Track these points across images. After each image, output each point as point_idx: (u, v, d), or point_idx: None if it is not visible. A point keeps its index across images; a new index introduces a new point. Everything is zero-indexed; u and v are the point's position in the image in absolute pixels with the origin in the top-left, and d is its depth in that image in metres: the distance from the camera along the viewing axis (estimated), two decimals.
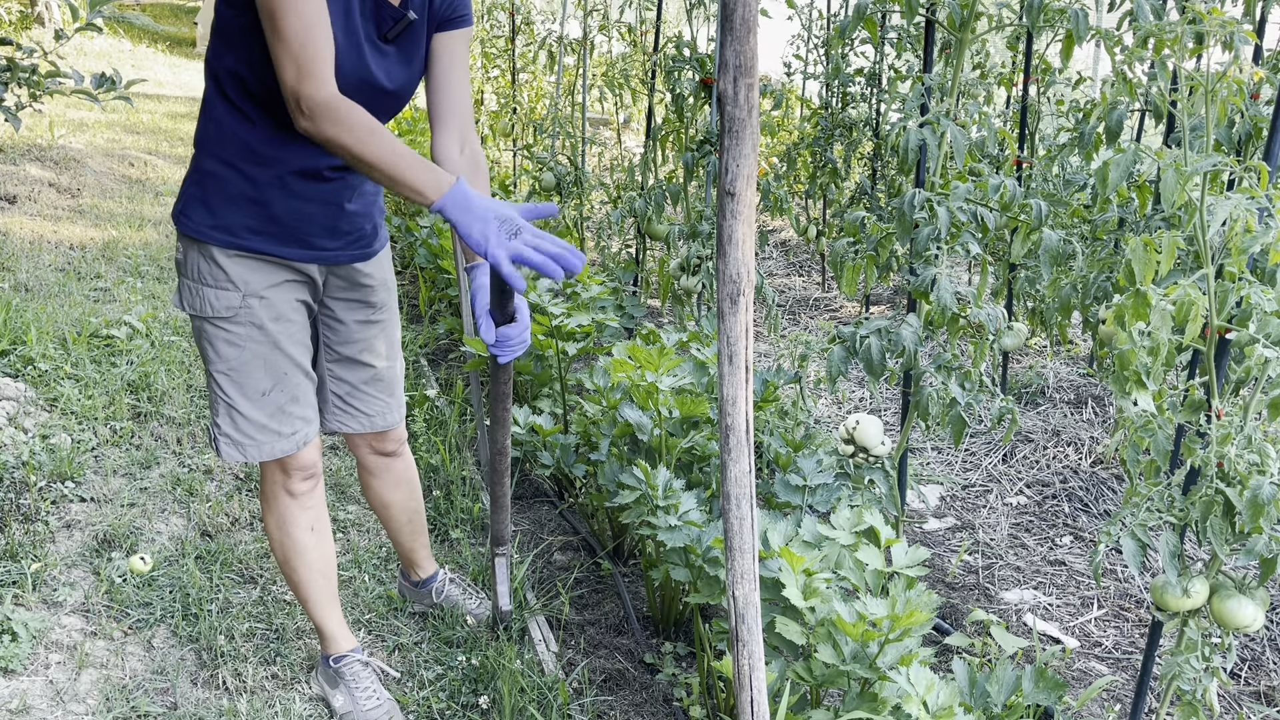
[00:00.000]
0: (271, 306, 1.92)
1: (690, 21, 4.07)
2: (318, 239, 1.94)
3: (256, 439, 1.98)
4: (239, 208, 1.85)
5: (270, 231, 1.88)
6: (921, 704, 1.63)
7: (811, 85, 7.41)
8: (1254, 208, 1.75)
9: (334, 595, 2.24)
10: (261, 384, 1.94)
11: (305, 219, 1.91)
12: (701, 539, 2.13)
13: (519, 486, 3.37)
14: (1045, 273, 2.48)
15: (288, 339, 1.95)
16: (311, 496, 2.13)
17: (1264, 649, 2.70)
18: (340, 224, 1.97)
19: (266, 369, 1.94)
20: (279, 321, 1.93)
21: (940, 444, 3.90)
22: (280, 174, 1.86)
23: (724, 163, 1.14)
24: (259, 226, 1.87)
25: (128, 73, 4.20)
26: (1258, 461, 1.80)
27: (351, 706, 2.21)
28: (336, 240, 1.98)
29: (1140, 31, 1.93)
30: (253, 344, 1.91)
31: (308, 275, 1.98)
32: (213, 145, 1.85)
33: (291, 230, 1.90)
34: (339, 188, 1.94)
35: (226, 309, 1.88)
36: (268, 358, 1.93)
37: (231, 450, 1.99)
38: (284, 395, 1.97)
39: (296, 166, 1.86)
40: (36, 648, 2.37)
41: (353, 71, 1.80)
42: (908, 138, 2.33)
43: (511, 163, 7.05)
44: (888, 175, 5.44)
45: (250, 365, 1.93)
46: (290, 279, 1.95)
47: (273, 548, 2.17)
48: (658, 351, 2.65)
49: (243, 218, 1.85)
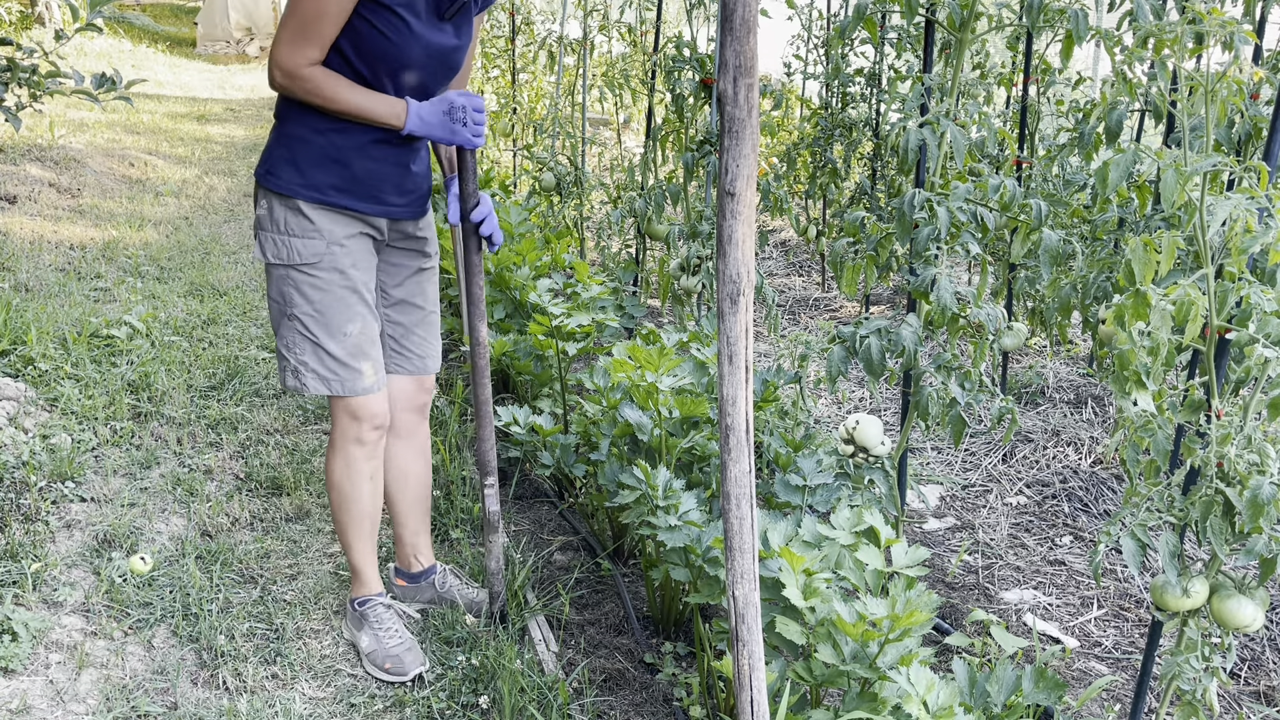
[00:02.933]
0: (350, 254, 2.21)
1: (690, 21, 4.06)
2: (389, 196, 2.24)
3: (340, 375, 2.23)
4: (325, 169, 2.15)
5: (351, 189, 2.18)
6: (921, 704, 1.63)
7: (811, 85, 7.41)
8: (1254, 208, 1.75)
9: (374, 542, 2.47)
10: (344, 324, 2.21)
11: (381, 178, 2.21)
12: (701, 539, 2.13)
13: (519, 486, 3.37)
14: (1045, 273, 2.48)
15: (362, 285, 2.24)
16: (378, 446, 2.36)
17: (1264, 649, 2.70)
18: (406, 183, 2.27)
19: (348, 310, 2.21)
20: (356, 268, 2.22)
21: (940, 444, 3.90)
22: (362, 141, 2.16)
23: (724, 163, 1.14)
24: (343, 185, 2.17)
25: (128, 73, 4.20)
26: (1257, 461, 1.80)
27: (376, 645, 2.41)
28: (403, 198, 2.28)
29: (1140, 31, 1.93)
30: (335, 288, 2.19)
31: (377, 228, 2.28)
32: (302, 115, 2.15)
33: (369, 188, 2.20)
34: (405, 151, 2.24)
35: (313, 255, 2.17)
36: (347, 300, 2.21)
37: (319, 384, 2.23)
38: (364, 337, 2.24)
39: (375, 135, 2.16)
40: (36, 648, 2.37)
41: (425, 46, 2.13)
42: (908, 138, 2.33)
43: (511, 163, 7.04)
44: (888, 175, 5.44)
45: (334, 307, 2.20)
46: (364, 231, 2.24)
47: (330, 489, 2.39)
48: (658, 351, 2.65)
49: (329, 177, 2.15)
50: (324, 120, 2.15)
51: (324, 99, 2.07)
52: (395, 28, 2.07)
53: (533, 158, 5.17)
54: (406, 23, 2.08)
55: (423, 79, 2.19)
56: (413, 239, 2.39)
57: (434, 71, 2.19)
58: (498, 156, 7.80)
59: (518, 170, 6.68)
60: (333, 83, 2.07)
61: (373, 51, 2.09)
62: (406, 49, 2.11)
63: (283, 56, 2.05)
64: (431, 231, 2.44)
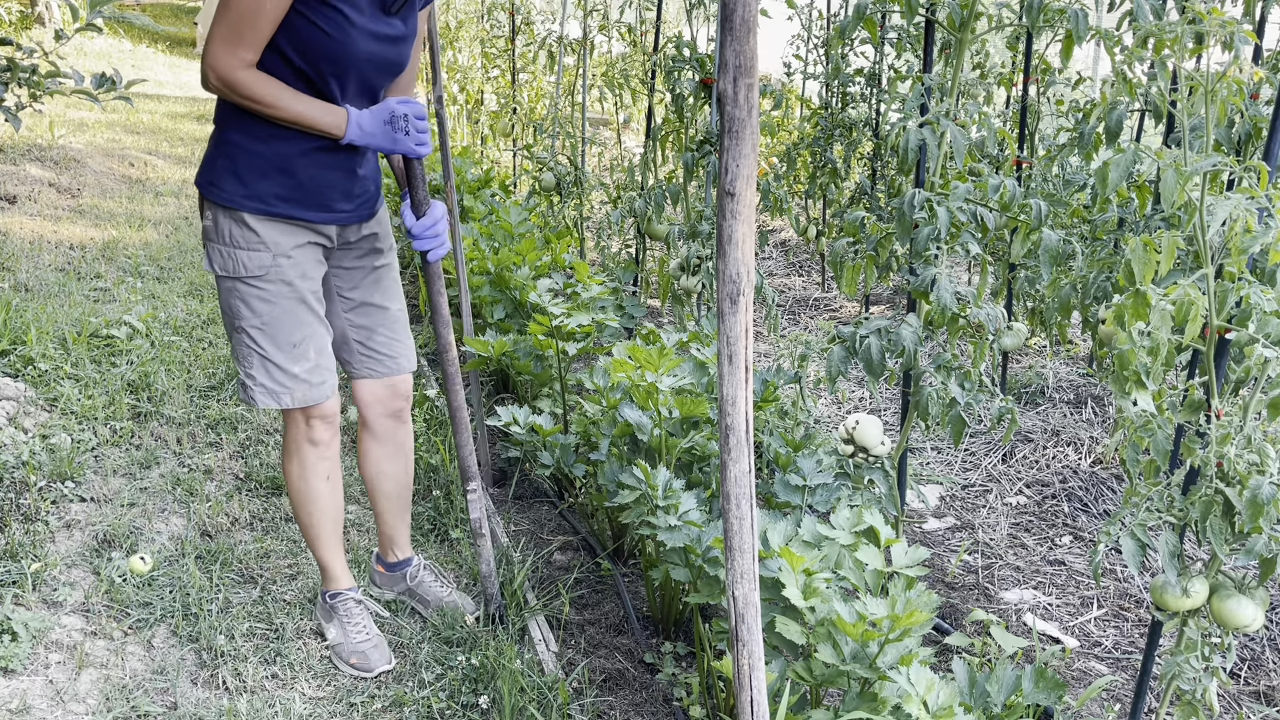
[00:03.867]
0: (298, 265, 2.14)
1: (690, 21, 4.07)
2: (336, 202, 2.18)
3: (289, 387, 2.19)
4: (269, 178, 2.07)
5: (297, 198, 2.11)
6: (921, 704, 1.63)
7: (811, 85, 7.41)
8: (1254, 208, 1.75)
9: (339, 538, 2.46)
10: (292, 336, 2.16)
11: (328, 185, 2.14)
12: (701, 539, 2.13)
13: (519, 486, 3.37)
14: (1045, 273, 2.48)
15: (311, 295, 2.18)
16: (331, 446, 2.34)
17: (1264, 649, 2.70)
18: (354, 188, 2.21)
19: (295, 322, 2.16)
20: (304, 279, 2.16)
21: (940, 444, 3.90)
22: (306, 148, 2.08)
23: (724, 163, 1.14)
24: (287, 194, 2.09)
25: (128, 73, 4.20)
26: (1257, 461, 1.80)
27: (343, 638, 2.43)
28: (351, 202, 2.22)
29: (1140, 31, 1.93)
30: (283, 300, 2.14)
31: (326, 235, 2.22)
32: (240, 121, 2.06)
33: (315, 196, 2.13)
34: (352, 156, 2.17)
35: (259, 268, 2.11)
36: (295, 311, 2.15)
37: (267, 398, 2.19)
38: (311, 347, 2.19)
39: (320, 142, 2.08)
40: (36, 648, 2.37)
41: (368, 42, 2.05)
42: (908, 138, 2.33)
43: (511, 163, 7.04)
44: (888, 175, 5.43)
45: (281, 320, 2.14)
46: (312, 240, 2.18)
47: (290, 492, 2.38)
48: (658, 351, 2.65)
49: (273, 186, 2.08)
50: (266, 126, 2.06)
51: (261, 105, 1.98)
52: (335, 23, 1.99)
53: (533, 158, 5.17)
54: (347, 17, 1.99)
55: (367, 76, 2.11)
56: (364, 239, 2.32)
57: (379, 68, 2.12)
58: (498, 156, 7.80)
59: (518, 170, 6.68)
60: (271, 89, 1.98)
61: (313, 49, 2.00)
62: (348, 46, 2.02)
63: (216, 58, 1.94)
64: (384, 227, 2.37)
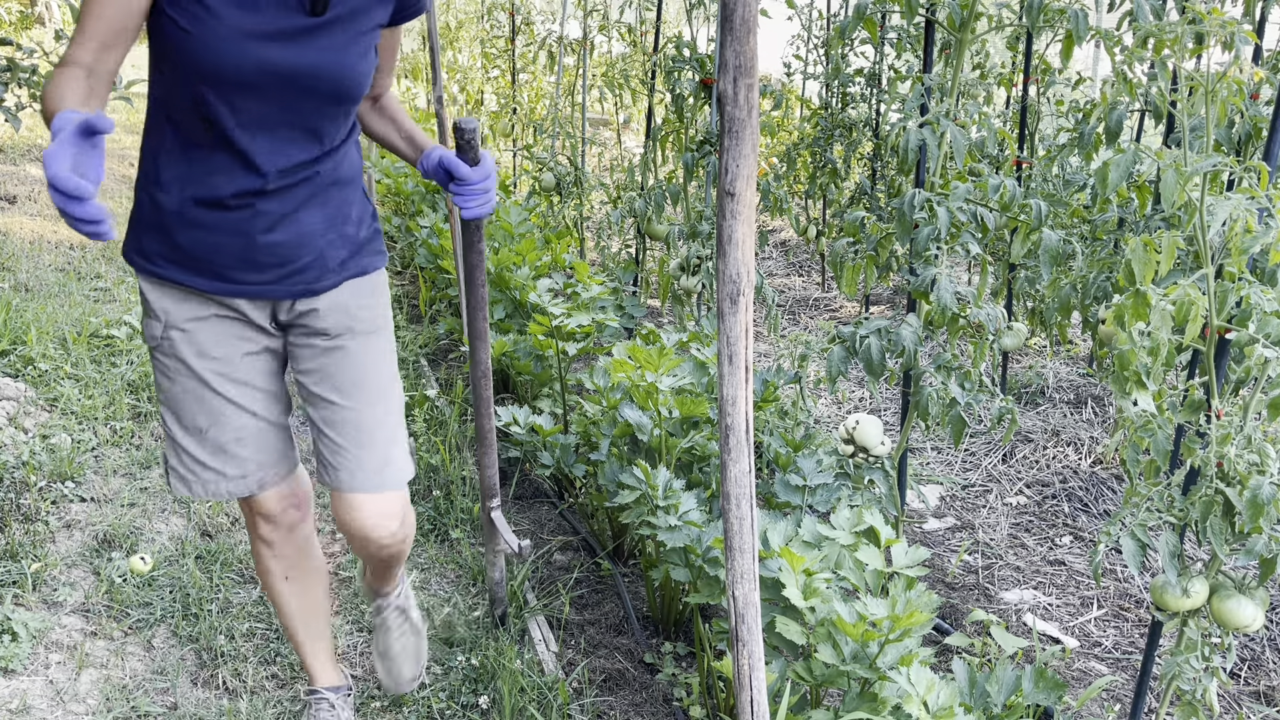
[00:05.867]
0: (193, 341, 1.74)
1: (690, 21, 4.07)
2: (232, 271, 1.70)
3: (200, 475, 1.82)
4: (151, 233, 1.70)
5: (178, 260, 1.69)
6: (921, 704, 1.63)
7: (811, 85, 7.41)
8: (1254, 208, 1.75)
9: (314, 634, 2.08)
10: (196, 419, 1.79)
11: (214, 249, 1.68)
12: (701, 539, 2.13)
13: (519, 486, 3.37)
14: (1045, 273, 2.48)
15: (219, 377, 1.77)
16: (286, 545, 1.96)
17: (1264, 649, 2.70)
18: (257, 256, 1.70)
19: (199, 405, 1.78)
20: (204, 358, 1.75)
21: (940, 444, 3.90)
22: (178, 199, 1.65)
23: (724, 163, 1.14)
24: (168, 254, 1.69)
25: (128, 73, 4.19)
26: (1257, 461, 1.80)
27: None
28: (261, 273, 1.72)
29: (1140, 31, 1.93)
30: (180, 378, 1.76)
31: (238, 310, 1.75)
32: (141, 158, 1.71)
33: (201, 260, 1.69)
34: (248, 216, 1.66)
35: (152, 338, 1.76)
36: (197, 394, 1.77)
37: (179, 485, 1.84)
38: (225, 434, 1.80)
39: (194, 194, 1.64)
40: (36, 648, 2.37)
41: (244, 42, 1.54)
42: (908, 138, 2.33)
43: (511, 163, 7.04)
44: (888, 175, 5.44)
45: (182, 399, 1.78)
46: (218, 314, 1.75)
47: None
48: (658, 351, 2.65)
49: (155, 243, 1.70)
50: (150, 173, 1.67)
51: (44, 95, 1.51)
52: (193, 15, 1.52)
53: (533, 158, 5.17)
54: (206, 5, 1.52)
55: (271, 96, 1.59)
56: (303, 316, 1.80)
57: (289, 84, 1.59)
58: (498, 157, 7.80)
59: (518, 170, 6.68)
60: (50, 90, 1.49)
61: (173, 57, 1.56)
62: (216, 48, 1.53)
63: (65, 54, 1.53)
64: (339, 303, 1.80)
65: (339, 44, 1.61)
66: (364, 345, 1.84)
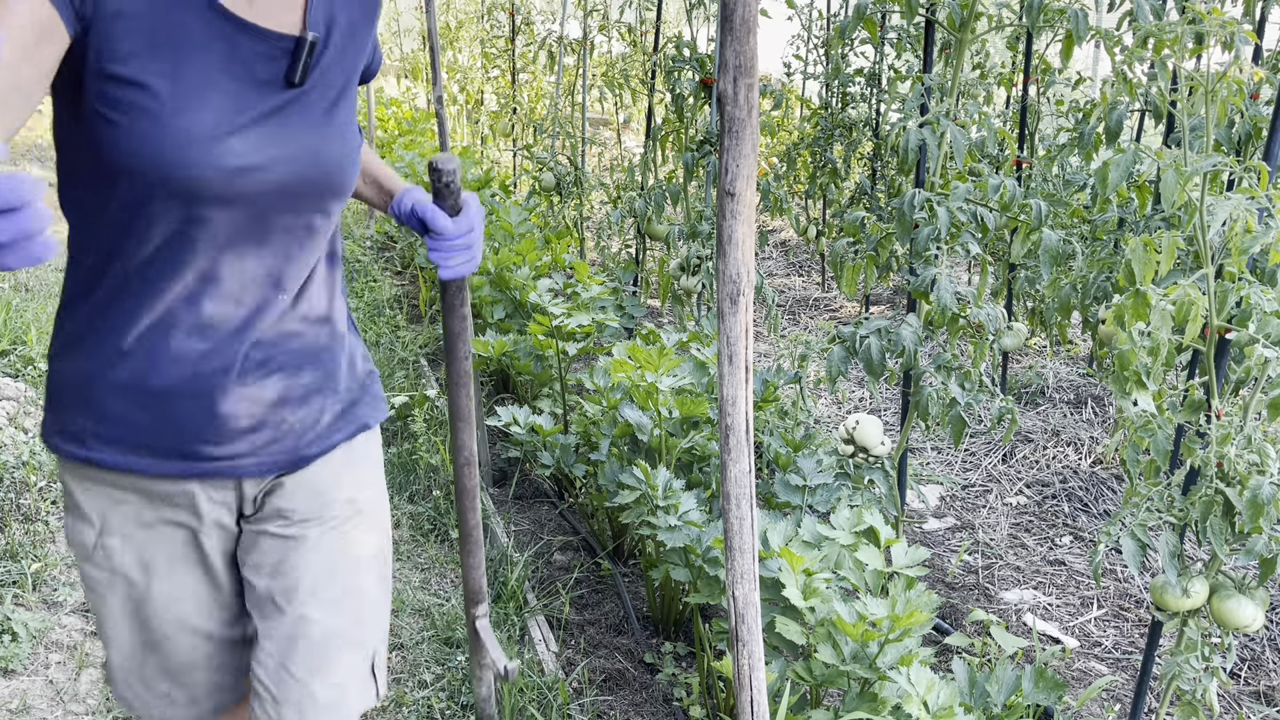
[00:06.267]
0: (135, 548, 1.31)
1: (690, 21, 4.07)
2: (192, 444, 1.26)
3: (143, 696, 1.41)
4: (74, 407, 1.26)
5: (115, 436, 1.25)
6: (921, 704, 1.63)
7: (811, 85, 7.41)
8: (1254, 208, 1.75)
9: None
10: (133, 643, 1.37)
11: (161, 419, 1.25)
12: (701, 539, 2.13)
13: (519, 486, 3.37)
14: (1045, 273, 2.48)
15: (167, 597, 1.33)
16: None
17: (1264, 649, 2.70)
18: (221, 426, 1.26)
19: (140, 628, 1.35)
20: (149, 571, 1.32)
21: (940, 444, 3.90)
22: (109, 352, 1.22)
23: (724, 163, 1.14)
24: (102, 430, 1.25)
25: None
26: (1257, 461, 1.80)
27: None
28: (235, 443, 1.28)
29: (1140, 31, 1.93)
30: (115, 596, 1.33)
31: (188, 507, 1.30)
32: (63, 292, 1.26)
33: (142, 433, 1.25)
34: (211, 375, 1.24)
35: (79, 546, 1.32)
36: (139, 614, 1.34)
37: (122, 701, 1.44)
38: (172, 660, 1.39)
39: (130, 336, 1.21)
40: (36, 648, 2.37)
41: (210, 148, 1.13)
42: (908, 138, 2.33)
43: (511, 163, 7.05)
44: (888, 175, 5.44)
45: (118, 621, 1.35)
46: (170, 517, 1.30)
47: None
48: (658, 351, 2.65)
49: (80, 417, 1.25)
50: (61, 314, 1.26)
51: None
52: (129, 108, 1.10)
53: (533, 158, 5.17)
54: (151, 91, 1.10)
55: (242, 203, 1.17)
56: (268, 502, 1.35)
57: (266, 189, 1.17)
58: (498, 157, 7.80)
59: (517, 170, 6.68)
60: None
61: (104, 161, 1.12)
62: (155, 147, 1.11)
63: None
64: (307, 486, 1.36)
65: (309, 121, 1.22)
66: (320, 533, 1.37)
